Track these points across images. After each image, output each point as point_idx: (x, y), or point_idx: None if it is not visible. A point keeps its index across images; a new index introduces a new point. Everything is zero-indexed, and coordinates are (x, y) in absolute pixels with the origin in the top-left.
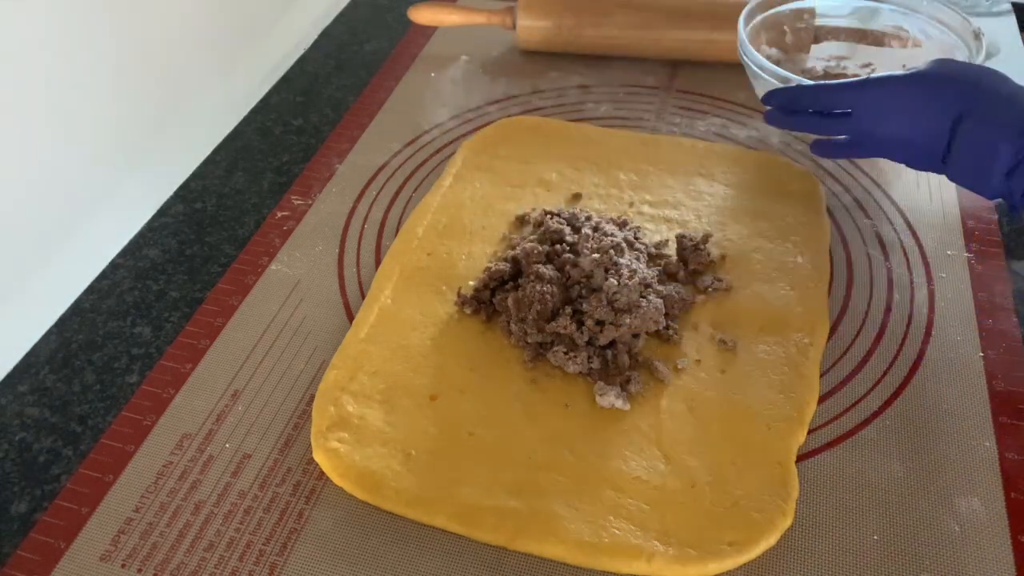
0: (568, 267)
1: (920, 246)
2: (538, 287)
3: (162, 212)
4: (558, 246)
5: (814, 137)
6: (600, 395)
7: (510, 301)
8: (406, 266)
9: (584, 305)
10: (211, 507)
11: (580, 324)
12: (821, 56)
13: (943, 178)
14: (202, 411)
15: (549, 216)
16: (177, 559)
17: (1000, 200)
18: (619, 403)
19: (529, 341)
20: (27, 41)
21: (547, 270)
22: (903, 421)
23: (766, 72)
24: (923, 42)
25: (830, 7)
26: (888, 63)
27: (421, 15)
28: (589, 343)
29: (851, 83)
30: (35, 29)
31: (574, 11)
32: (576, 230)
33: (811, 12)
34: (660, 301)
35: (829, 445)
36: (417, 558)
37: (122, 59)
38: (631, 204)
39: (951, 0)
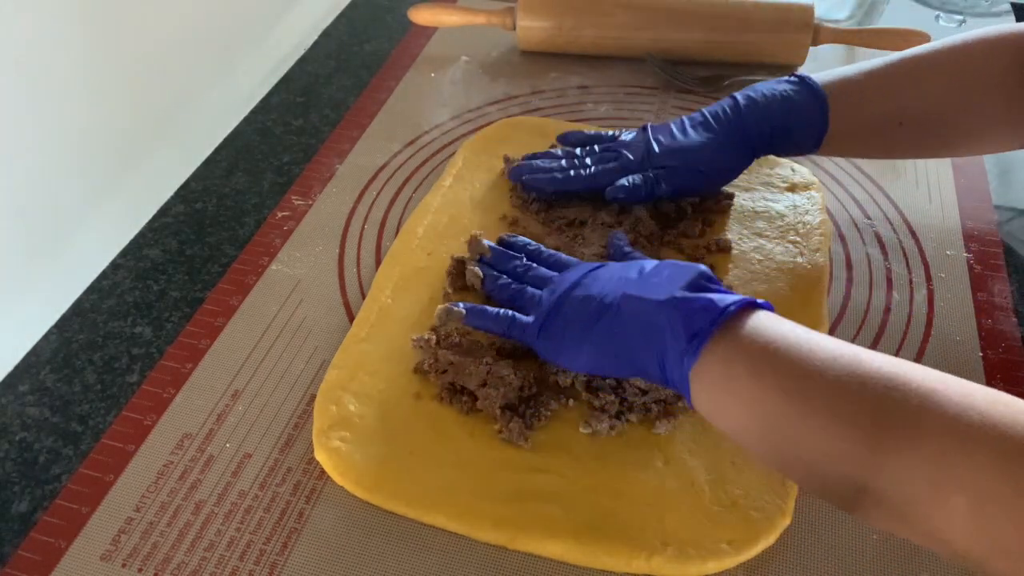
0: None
1: (919, 246)
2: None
3: (162, 212)
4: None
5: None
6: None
7: None
8: (406, 266)
9: None
10: (211, 507)
11: None
12: None
13: (942, 178)
14: (202, 411)
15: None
16: (177, 559)
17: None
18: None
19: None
20: (27, 41)
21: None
22: None
23: None
24: None
25: None
26: None
27: (421, 15)
28: None
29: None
30: (35, 29)
31: (574, 11)
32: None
33: None
34: None
35: None
36: (417, 558)
37: (122, 59)
38: None
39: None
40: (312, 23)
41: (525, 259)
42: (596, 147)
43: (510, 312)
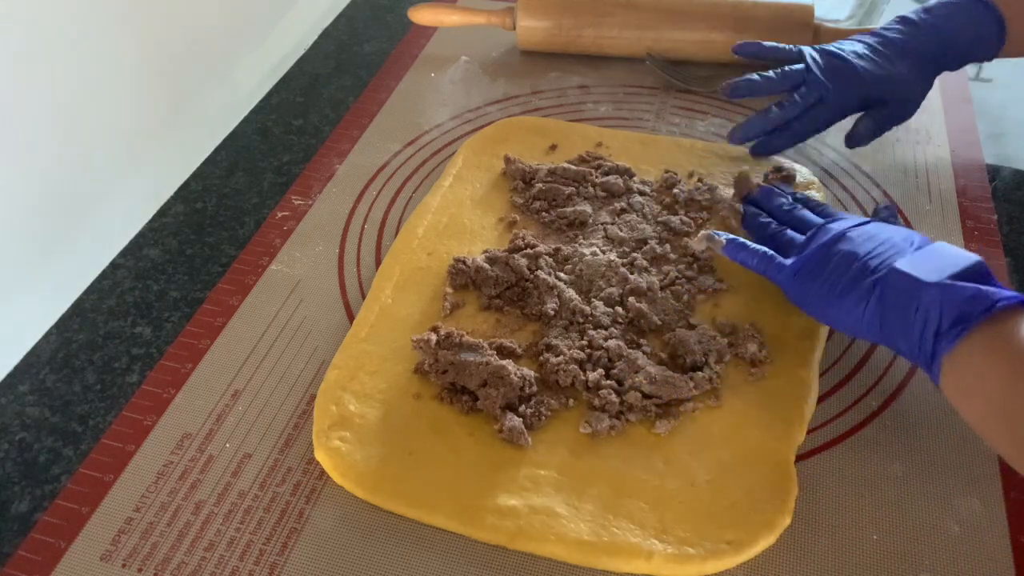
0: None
1: None
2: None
3: (162, 212)
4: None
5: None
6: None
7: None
8: (406, 266)
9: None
10: (211, 507)
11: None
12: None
13: (942, 178)
14: (202, 411)
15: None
16: (177, 559)
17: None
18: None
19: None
20: (28, 42)
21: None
22: (902, 421)
23: None
24: None
25: None
26: None
27: (421, 15)
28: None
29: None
30: (36, 30)
31: (574, 11)
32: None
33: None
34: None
35: (828, 445)
36: (417, 558)
37: (122, 60)
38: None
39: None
40: (312, 23)
41: (791, 200)
42: (773, 73)
43: (770, 251)
